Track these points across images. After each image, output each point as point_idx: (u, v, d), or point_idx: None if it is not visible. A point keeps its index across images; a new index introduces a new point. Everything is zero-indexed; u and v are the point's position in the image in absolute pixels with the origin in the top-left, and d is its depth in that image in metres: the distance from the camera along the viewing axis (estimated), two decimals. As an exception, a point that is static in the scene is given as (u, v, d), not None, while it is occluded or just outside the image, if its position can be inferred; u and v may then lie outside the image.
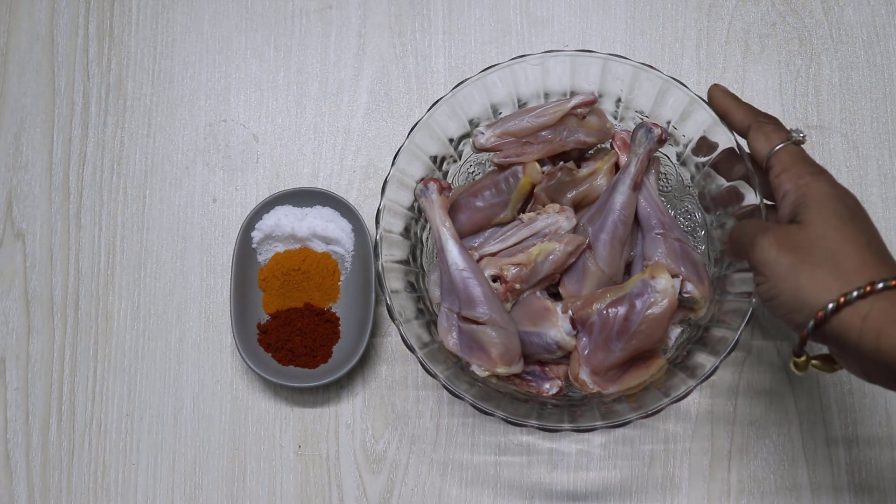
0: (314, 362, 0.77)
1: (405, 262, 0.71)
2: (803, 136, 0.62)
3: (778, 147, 0.61)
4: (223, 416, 0.79)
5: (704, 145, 0.71)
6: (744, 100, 0.66)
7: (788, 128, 0.63)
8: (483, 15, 0.86)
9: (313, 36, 0.86)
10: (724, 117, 0.67)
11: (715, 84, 0.68)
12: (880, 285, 0.53)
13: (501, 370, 0.66)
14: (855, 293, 0.53)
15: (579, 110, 0.72)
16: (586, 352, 0.67)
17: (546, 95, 0.74)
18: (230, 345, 0.80)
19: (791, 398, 0.77)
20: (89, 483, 0.78)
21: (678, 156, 0.74)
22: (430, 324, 0.70)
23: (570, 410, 0.67)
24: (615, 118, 0.75)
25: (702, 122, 0.70)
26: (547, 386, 0.69)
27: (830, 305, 0.53)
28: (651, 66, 0.70)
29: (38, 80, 0.86)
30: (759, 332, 0.78)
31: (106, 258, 0.82)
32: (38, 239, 0.83)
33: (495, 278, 0.68)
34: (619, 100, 0.74)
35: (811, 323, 0.54)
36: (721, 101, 0.67)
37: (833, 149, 0.82)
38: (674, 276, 0.67)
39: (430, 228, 0.72)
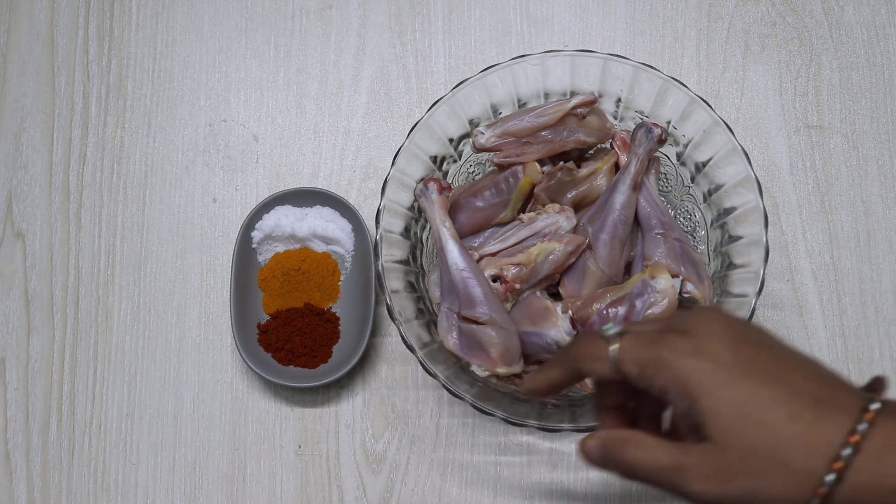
0: (314, 362, 0.77)
1: (405, 262, 0.71)
2: (620, 329, 0.47)
3: (613, 348, 0.46)
4: (223, 416, 0.79)
5: None
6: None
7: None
8: (483, 15, 0.86)
9: (313, 36, 0.86)
10: (553, 387, 0.51)
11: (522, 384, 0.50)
12: (868, 416, 0.41)
13: (501, 370, 0.66)
14: (862, 426, 0.40)
15: (579, 110, 0.72)
16: (586, 352, 0.67)
17: (546, 95, 0.74)
18: (230, 345, 0.80)
19: (791, 398, 0.77)
20: (89, 483, 0.78)
21: (678, 156, 0.74)
22: (430, 324, 0.70)
23: (571, 410, 0.67)
24: (615, 118, 0.75)
25: (702, 123, 0.70)
26: (547, 386, 0.69)
27: (847, 452, 0.40)
28: (651, 66, 0.70)
29: (38, 80, 0.86)
30: (759, 332, 0.78)
31: (106, 258, 0.82)
32: (38, 239, 0.83)
33: (495, 278, 0.68)
34: (619, 100, 0.74)
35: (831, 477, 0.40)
36: (539, 387, 0.51)
37: (833, 149, 0.82)
38: (674, 276, 0.67)
39: (430, 228, 0.72)
